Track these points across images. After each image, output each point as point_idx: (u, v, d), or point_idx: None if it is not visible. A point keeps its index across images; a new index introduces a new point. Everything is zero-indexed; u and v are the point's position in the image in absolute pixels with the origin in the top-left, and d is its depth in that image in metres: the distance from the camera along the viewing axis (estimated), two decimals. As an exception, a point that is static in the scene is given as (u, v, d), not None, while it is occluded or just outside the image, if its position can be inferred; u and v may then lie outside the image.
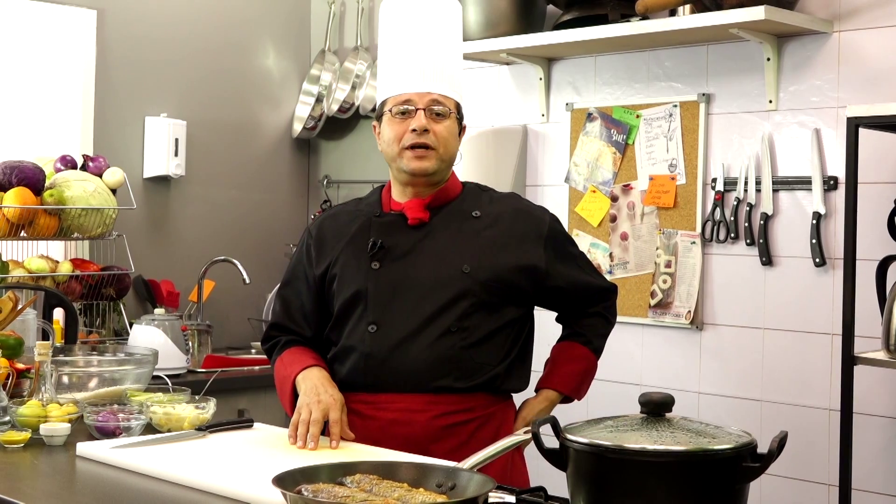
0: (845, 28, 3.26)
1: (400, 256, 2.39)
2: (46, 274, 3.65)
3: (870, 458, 3.16)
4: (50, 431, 2.34)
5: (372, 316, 2.36)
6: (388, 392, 2.35)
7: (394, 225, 2.43)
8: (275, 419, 3.82)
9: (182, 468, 2.04)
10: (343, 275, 2.42)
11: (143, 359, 2.87)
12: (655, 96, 3.69)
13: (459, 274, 2.35)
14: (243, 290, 4.36)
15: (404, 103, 2.38)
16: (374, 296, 2.37)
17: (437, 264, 2.37)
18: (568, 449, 1.61)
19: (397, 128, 2.38)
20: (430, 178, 2.41)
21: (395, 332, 2.35)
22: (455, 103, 2.42)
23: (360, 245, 2.42)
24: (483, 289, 2.35)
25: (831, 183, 3.26)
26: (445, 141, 2.38)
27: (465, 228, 2.41)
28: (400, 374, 2.33)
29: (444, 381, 2.33)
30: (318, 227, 2.52)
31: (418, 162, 2.36)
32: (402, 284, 2.37)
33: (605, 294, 2.58)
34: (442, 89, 2.39)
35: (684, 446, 1.53)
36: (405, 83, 2.39)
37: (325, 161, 4.83)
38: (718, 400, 3.51)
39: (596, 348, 2.56)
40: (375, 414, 2.35)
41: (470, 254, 2.37)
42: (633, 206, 3.72)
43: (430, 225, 2.41)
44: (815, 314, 3.31)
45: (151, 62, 4.35)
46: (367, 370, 2.36)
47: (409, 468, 1.76)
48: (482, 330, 2.35)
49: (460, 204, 2.45)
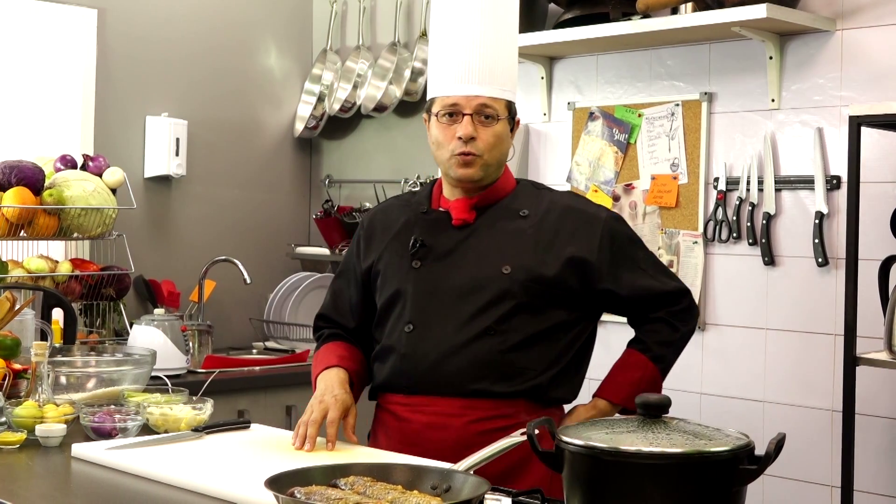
0: (848, 26, 3.23)
1: (441, 256, 2.34)
2: (46, 274, 3.64)
3: (872, 459, 3.14)
4: (45, 432, 2.33)
5: (409, 316, 2.32)
6: (424, 395, 2.30)
7: (438, 223, 2.38)
8: (275, 420, 3.82)
9: (177, 470, 2.03)
10: (385, 272, 2.39)
11: (141, 359, 2.86)
12: (657, 95, 3.67)
13: (499, 274, 2.29)
14: (245, 290, 4.34)
15: (451, 106, 2.31)
16: (412, 295, 2.33)
17: (476, 265, 2.32)
18: (563, 451, 1.59)
19: (444, 132, 2.32)
20: (478, 184, 2.36)
21: (432, 333, 2.30)
22: (506, 103, 2.34)
23: (404, 242, 2.38)
24: (524, 290, 2.28)
25: (834, 182, 3.24)
26: (492, 146, 2.31)
27: (509, 228, 2.35)
28: (436, 376, 2.28)
29: (482, 384, 2.26)
30: (370, 220, 2.50)
31: (464, 169, 2.31)
32: (441, 285, 2.32)
33: (671, 298, 2.41)
34: (491, 91, 2.31)
35: (680, 448, 1.51)
36: (453, 85, 2.32)
37: (328, 161, 4.81)
38: (721, 401, 3.49)
39: (655, 356, 2.40)
40: (411, 416, 2.31)
41: (511, 254, 2.31)
42: (634, 205, 3.70)
43: (475, 225, 2.36)
44: (817, 314, 3.28)
45: (152, 61, 4.33)
46: (404, 371, 2.32)
47: (404, 470, 1.75)
48: (523, 333, 2.28)
49: (510, 202, 2.39)
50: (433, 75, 2.38)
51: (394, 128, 4.55)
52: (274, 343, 4.45)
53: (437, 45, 2.38)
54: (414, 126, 4.45)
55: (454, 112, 2.31)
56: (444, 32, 2.37)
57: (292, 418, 3.87)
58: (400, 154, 4.51)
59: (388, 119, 4.53)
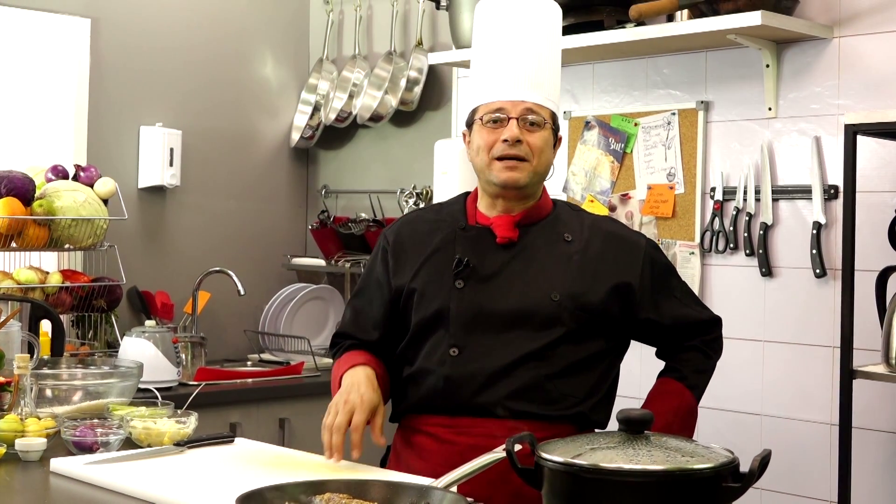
0: (846, 34, 3.19)
1: (486, 277, 2.27)
2: (35, 285, 3.60)
3: (870, 473, 3.09)
4: (25, 447, 2.29)
5: (454, 339, 2.25)
6: (467, 416, 2.24)
7: (481, 241, 2.31)
8: (268, 433, 3.78)
9: (155, 485, 1.99)
10: (425, 291, 2.30)
11: (127, 372, 2.83)
12: (654, 104, 3.62)
13: (548, 301, 2.24)
14: (240, 302, 4.30)
15: (496, 111, 2.26)
16: (456, 317, 2.25)
17: (524, 289, 2.25)
18: (542, 468, 1.55)
19: (488, 137, 2.26)
20: (522, 192, 2.29)
21: (478, 358, 2.23)
22: (550, 113, 2.29)
23: (445, 260, 2.30)
24: (572, 318, 2.24)
25: (832, 192, 3.19)
26: (540, 152, 2.26)
27: (555, 252, 2.29)
28: (480, 400, 2.22)
29: (528, 407, 2.21)
30: (396, 234, 2.40)
31: (509, 173, 2.24)
32: (486, 307, 2.25)
33: (705, 327, 2.40)
34: (537, 98, 2.27)
35: (662, 465, 1.47)
36: (498, 90, 2.27)
37: (324, 171, 4.78)
38: (718, 414, 3.44)
39: (692, 385, 2.36)
40: (455, 438, 2.23)
41: (560, 281, 2.26)
42: (631, 215, 3.65)
43: (520, 245, 2.30)
44: (815, 326, 3.23)
45: (146, 71, 4.30)
46: (448, 394, 2.24)
47: (381, 486, 1.70)
48: (566, 360, 2.24)
49: (553, 224, 2.33)
50: (477, 84, 2.33)
51: (390, 137, 4.51)
52: (269, 355, 4.40)
53: (481, 54, 2.33)
54: (410, 136, 4.42)
55: (499, 118, 2.26)
56: (488, 41, 2.33)
57: (286, 432, 3.83)
58: (396, 164, 4.48)
59: (385, 129, 4.50)
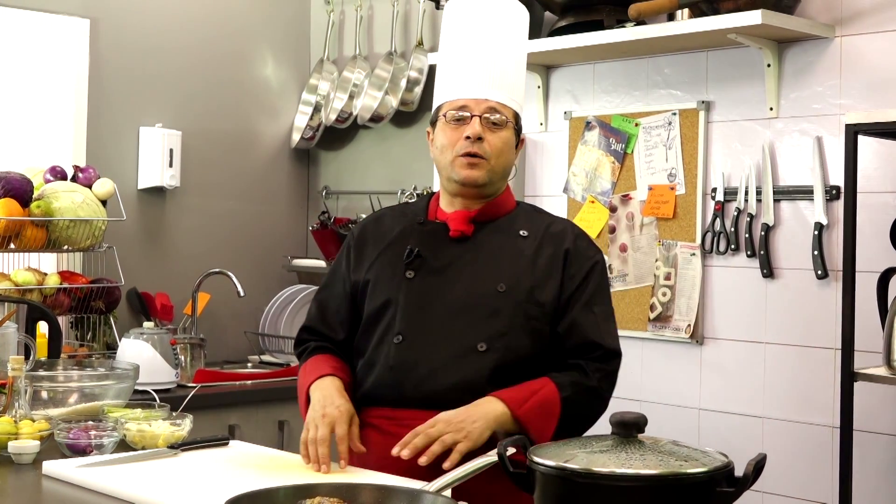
0: (847, 33, 3.17)
1: (437, 268, 2.29)
2: (33, 287, 3.59)
3: (872, 477, 3.06)
4: (18, 449, 2.28)
5: (399, 327, 2.26)
6: (410, 408, 2.23)
7: (435, 235, 2.33)
8: (267, 435, 3.76)
9: (147, 488, 1.97)
10: (377, 281, 2.32)
11: (123, 374, 2.81)
12: (654, 104, 3.60)
13: (494, 292, 2.24)
14: (240, 303, 4.28)
15: (460, 109, 2.28)
16: (404, 306, 2.27)
17: (472, 280, 2.26)
18: (534, 472, 1.52)
19: (451, 134, 2.28)
20: (481, 190, 2.31)
21: (421, 347, 2.23)
22: (514, 113, 2.31)
23: (398, 252, 2.33)
24: (518, 310, 2.23)
25: (833, 192, 3.17)
26: (499, 152, 2.28)
27: (508, 247, 2.30)
28: (423, 390, 2.21)
29: (471, 399, 2.18)
30: (361, 230, 2.44)
31: (469, 171, 2.26)
32: (434, 298, 2.26)
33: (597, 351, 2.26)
34: (501, 97, 2.29)
35: (654, 470, 1.44)
36: (462, 88, 2.29)
37: (325, 171, 4.76)
38: (720, 416, 3.41)
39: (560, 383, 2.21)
40: (396, 430, 2.21)
41: (508, 273, 2.26)
42: (632, 216, 3.63)
43: (474, 240, 2.31)
44: (817, 328, 3.21)
45: (146, 72, 4.29)
46: (390, 384, 2.25)
47: (372, 490, 1.68)
48: (515, 353, 2.22)
49: (510, 222, 2.34)
50: (442, 82, 2.35)
51: (390, 138, 4.49)
52: (270, 357, 4.38)
53: (448, 52, 2.36)
54: (411, 136, 4.40)
55: (462, 115, 2.28)
56: (456, 40, 2.35)
57: (285, 434, 3.81)
58: (397, 164, 4.46)
59: (385, 129, 4.48)
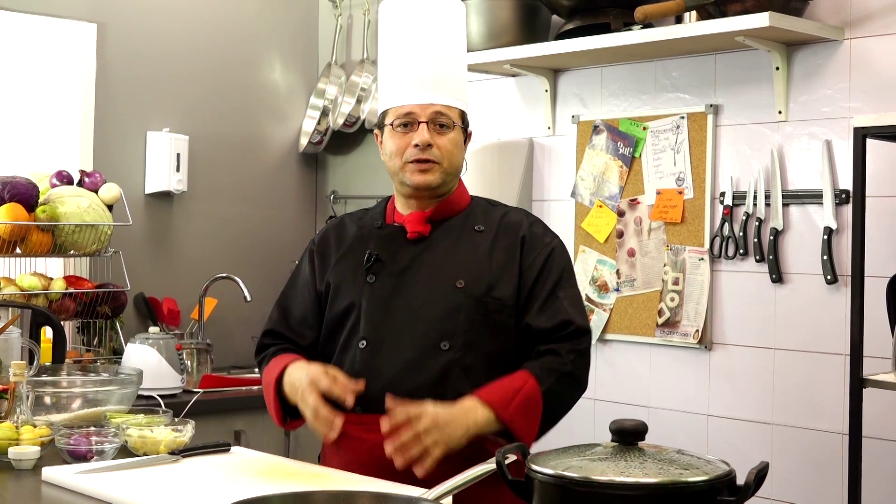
0: (856, 35, 3.13)
1: (396, 271, 2.30)
2: (38, 291, 3.58)
3: (881, 484, 3.02)
4: (18, 455, 2.26)
5: (363, 332, 2.27)
6: (378, 413, 2.20)
7: (393, 238, 2.34)
8: (273, 441, 3.74)
9: (147, 495, 1.95)
10: (338, 286, 2.33)
11: (126, 379, 2.79)
12: (662, 108, 3.57)
13: (452, 288, 2.25)
14: (247, 308, 4.26)
15: (406, 116, 2.29)
16: (366, 311, 2.28)
17: (431, 279, 2.27)
18: (533, 480, 1.50)
19: (399, 141, 2.29)
20: (435, 192, 2.32)
21: (386, 350, 2.24)
22: (459, 112, 2.32)
23: (358, 257, 2.34)
24: (478, 305, 2.23)
25: (843, 197, 3.13)
26: (450, 154, 2.30)
27: (464, 242, 2.31)
28: (390, 393, 2.19)
29: (438, 400, 2.16)
30: (322, 237, 2.45)
31: (422, 176, 2.28)
32: (395, 300, 2.27)
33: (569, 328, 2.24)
34: (445, 100, 2.30)
35: (654, 478, 1.42)
36: (407, 94, 2.30)
37: (333, 176, 4.74)
38: (728, 423, 3.38)
39: (539, 377, 2.18)
40: (364, 436, 2.22)
41: (466, 268, 2.27)
42: (640, 221, 3.60)
43: (431, 239, 2.32)
44: (827, 333, 3.17)
45: (153, 76, 4.28)
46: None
47: (369, 498, 1.66)
48: (479, 350, 2.22)
49: (464, 218, 2.35)
50: (385, 88, 2.36)
51: (398, 143, 4.47)
52: (277, 362, 4.36)
53: (388, 58, 2.36)
54: (418, 141, 4.37)
55: (409, 122, 2.29)
56: (394, 46, 2.36)
57: (290, 440, 3.79)
58: (404, 169, 4.43)
59: (393, 134, 4.45)
